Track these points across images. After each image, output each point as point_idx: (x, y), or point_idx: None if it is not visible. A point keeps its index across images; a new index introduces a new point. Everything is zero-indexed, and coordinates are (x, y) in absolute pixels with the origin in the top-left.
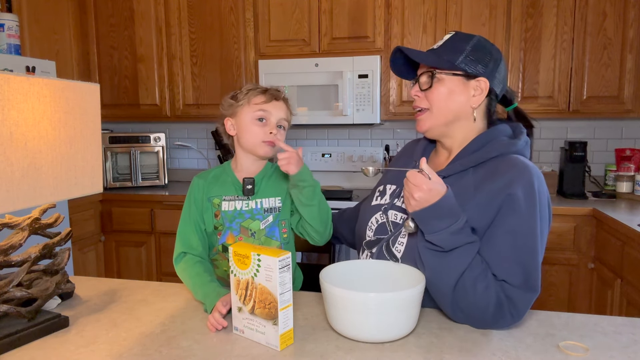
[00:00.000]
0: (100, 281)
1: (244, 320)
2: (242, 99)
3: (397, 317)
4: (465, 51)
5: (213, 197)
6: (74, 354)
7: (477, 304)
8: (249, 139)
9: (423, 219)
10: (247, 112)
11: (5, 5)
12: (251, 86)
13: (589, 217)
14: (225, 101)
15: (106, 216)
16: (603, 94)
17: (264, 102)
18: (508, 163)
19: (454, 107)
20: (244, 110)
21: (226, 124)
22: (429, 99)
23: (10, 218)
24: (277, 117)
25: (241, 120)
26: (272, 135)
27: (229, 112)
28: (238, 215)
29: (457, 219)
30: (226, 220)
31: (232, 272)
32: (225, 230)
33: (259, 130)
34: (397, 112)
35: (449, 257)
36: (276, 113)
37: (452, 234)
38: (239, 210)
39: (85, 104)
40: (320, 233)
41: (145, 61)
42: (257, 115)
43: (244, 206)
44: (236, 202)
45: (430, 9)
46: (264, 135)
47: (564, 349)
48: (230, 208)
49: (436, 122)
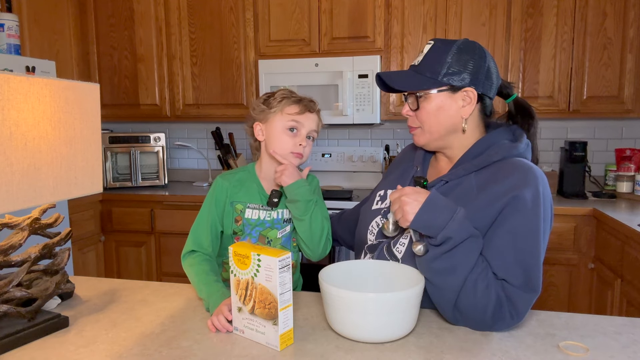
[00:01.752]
0: (100, 281)
1: (244, 320)
2: (275, 106)
3: (397, 317)
4: (446, 63)
5: (236, 202)
6: (73, 354)
7: (477, 304)
8: (277, 147)
9: (425, 221)
10: (279, 121)
11: (5, 5)
12: (286, 93)
13: (589, 217)
14: (257, 105)
15: (106, 216)
16: (603, 94)
17: (298, 113)
18: (512, 166)
19: (446, 122)
20: (276, 118)
21: (255, 128)
22: (419, 118)
23: (10, 218)
24: (309, 129)
25: (272, 127)
26: (301, 147)
27: (260, 117)
28: (260, 224)
29: (456, 209)
30: (247, 227)
31: (232, 272)
32: (244, 236)
33: (289, 141)
34: (397, 112)
35: (457, 256)
36: (308, 125)
37: (460, 222)
38: (262, 220)
39: (85, 104)
40: (311, 250)
41: (145, 61)
42: (289, 125)
43: (267, 216)
44: (260, 211)
45: (430, 9)
46: (293, 146)
47: (564, 349)
48: (254, 217)
49: (431, 138)
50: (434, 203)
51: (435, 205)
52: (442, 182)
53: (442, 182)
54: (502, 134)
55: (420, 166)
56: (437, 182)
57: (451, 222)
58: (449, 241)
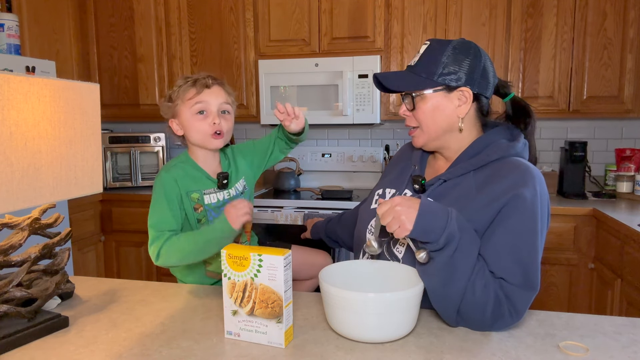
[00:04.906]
0: (100, 281)
1: (240, 323)
2: (176, 98)
3: (397, 317)
4: (441, 63)
5: (191, 191)
6: (73, 354)
7: (475, 304)
8: (195, 135)
9: (425, 226)
10: (185, 109)
11: (5, 5)
12: (181, 82)
13: (589, 217)
14: (162, 105)
15: (106, 216)
16: (603, 94)
17: (197, 94)
18: (510, 165)
19: (442, 121)
20: (183, 109)
21: (172, 125)
22: (416, 118)
23: (10, 218)
24: (217, 104)
25: (183, 118)
26: (216, 125)
27: (169, 114)
28: (222, 204)
29: (449, 210)
30: (211, 212)
31: (226, 275)
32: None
33: (202, 124)
34: (397, 112)
35: (457, 258)
36: (214, 101)
37: (458, 220)
38: (222, 201)
39: (85, 104)
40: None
41: (145, 61)
42: (195, 110)
43: (226, 195)
44: (217, 194)
45: (430, 9)
46: (208, 127)
47: (564, 349)
48: (214, 200)
49: (429, 138)
50: (429, 206)
51: (431, 208)
52: (440, 181)
53: (440, 181)
54: (499, 133)
55: (418, 165)
56: (435, 181)
57: (450, 221)
58: (453, 241)
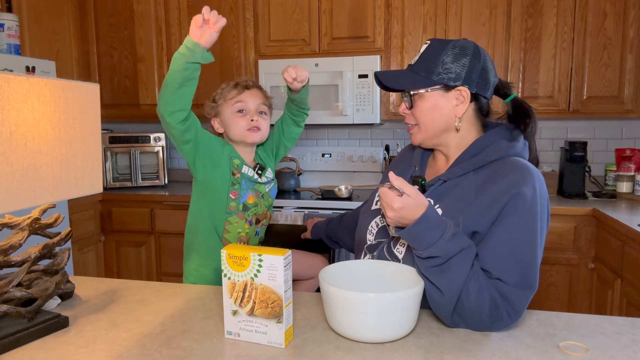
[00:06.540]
0: (100, 281)
1: (240, 323)
2: (219, 98)
3: (397, 317)
4: (440, 62)
5: (234, 157)
6: (73, 354)
7: (471, 307)
8: (234, 131)
9: (414, 235)
10: (227, 108)
11: (5, 5)
12: (224, 85)
13: (589, 217)
14: (207, 105)
15: (106, 216)
16: (603, 94)
17: (238, 94)
18: (510, 165)
19: (440, 120)
20: (224, 108)
21: (213, 124)
22: (415, 116)
23: (10, 218)
24: (255, 104)
25: (224, 116)
26: (254, 121)
27: (212, 114)
28: (254, 180)
29: (447, 227)
30: (245, 182)
31: (225, 275)
32: (246, 190)
33: (241, 121)
34: (397, 112)
35: (450, 270)
36: (252, 101)
37: (448, 241)
38: (255, 179)
39: (85, 104)
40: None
41: (145, 61)
42: (235, 108)
43: (259, 177)
44: (253, 171)
45: (430, 9)
46: (246, 123)
47: (564, 349)
48: (250, 173)
49: (426, 136)
50: (428, 220)
51: (429, 222)
52: (440, 182)
53: (440, 181)
54: (499, 134)
55: (418, 166)
56: (435, 181)
57: (440, 242)
58: (437, 258)
